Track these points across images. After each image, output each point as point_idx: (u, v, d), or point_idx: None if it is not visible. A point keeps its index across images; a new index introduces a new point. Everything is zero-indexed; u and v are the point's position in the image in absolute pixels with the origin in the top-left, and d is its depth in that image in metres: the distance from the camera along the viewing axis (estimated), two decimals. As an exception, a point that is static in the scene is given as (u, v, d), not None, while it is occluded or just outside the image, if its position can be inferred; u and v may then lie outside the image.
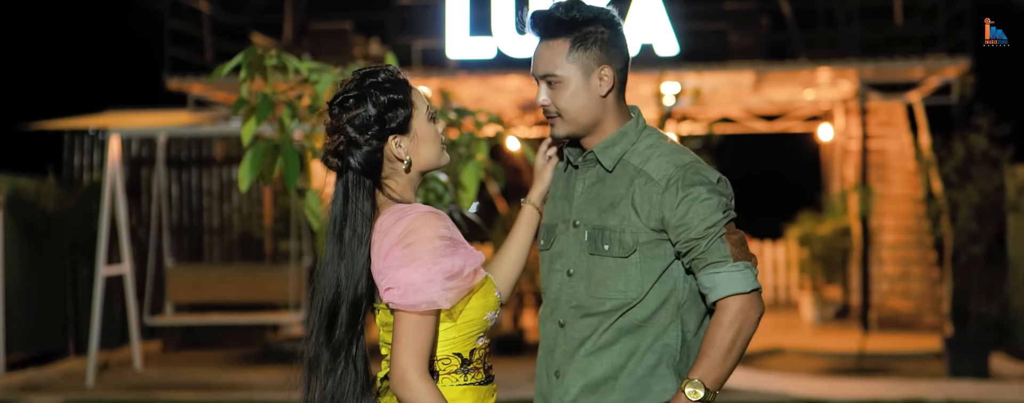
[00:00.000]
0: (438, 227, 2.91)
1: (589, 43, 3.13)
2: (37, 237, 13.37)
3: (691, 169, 3.07)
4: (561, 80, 3.14)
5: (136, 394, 10.78)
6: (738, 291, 3.00)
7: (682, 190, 3.05)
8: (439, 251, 2.88)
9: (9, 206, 12.71)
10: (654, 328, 3.10)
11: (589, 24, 3.14)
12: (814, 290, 16.49)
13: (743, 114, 18.58)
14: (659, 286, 3.11)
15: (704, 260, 3.03)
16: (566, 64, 3.14)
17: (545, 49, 3.17)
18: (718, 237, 3.02)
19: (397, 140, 3.01)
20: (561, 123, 3.19)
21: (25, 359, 12.90)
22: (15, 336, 12.65)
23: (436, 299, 2.85)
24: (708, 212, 3.02)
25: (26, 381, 11.47)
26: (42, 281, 13.54)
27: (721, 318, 3.01)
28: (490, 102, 15.94)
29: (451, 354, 2.98)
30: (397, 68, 3.09)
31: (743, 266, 3.02)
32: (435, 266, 2.85)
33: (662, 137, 3.24)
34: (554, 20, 3.14)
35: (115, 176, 11.65)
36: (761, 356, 13.12)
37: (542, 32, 3.17)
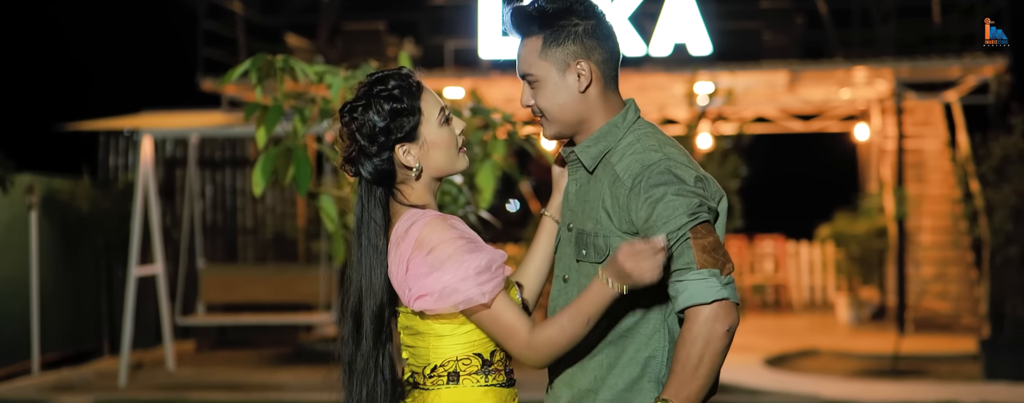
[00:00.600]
0: (448, 229, 2.91)
1: (562, 38, 3.00)
2: (72, 237, 13.46)
3: (658, 168, 2.89)
4: (538, 79, 3.03)
5: (167, 394, 10.82)
6: (699, 301, 2.79)
7: (646, 191, 2.87)
8: (462, 250, 2.87)
9: (44, 207, 12.80)
10: (638, 338, 2.96)
11: (561, 17, 3.00)
12: (850, 291, 16.36)
13: (779, 114, 18.47)
14: (640, 293, 2.91)
15: (669, 267, 2.84)
16: (540, 62, 3.02)
17: (521, 48, 3.06)
18: (683, 242, 2.81)
19: (405, 148, 2.99)
20: (547, 123, 3.07)
21: (60, 359, 12.99)
22: (50, 336, 12.74)
23: (473, 296, 2.84)
24: (672, 214, 2.83)
25: (59, 380, 11.54)
26: (77, 281, 13.64)
27: (685, 331, 2.81)
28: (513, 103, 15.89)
29: (471, 354, 2.97)
30: (409, 71, 3.05)
31: (708, 274, 2.79)
32: (463, 264, 2.84)
33: (651, 132, 3.04)
34: (525, 16, 3.02)
35: (148, 177, 11.71)
36: (795, 357, 13.05)
37: (517, 31, 3.06)
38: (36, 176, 12.82)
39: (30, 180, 12.39)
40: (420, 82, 3.04)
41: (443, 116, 3.02)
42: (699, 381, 2.77)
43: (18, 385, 11.25)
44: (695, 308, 2.79)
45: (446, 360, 2.97)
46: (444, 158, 3.03)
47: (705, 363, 2.77)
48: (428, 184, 3.06)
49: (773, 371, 11.93)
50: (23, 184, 12.14)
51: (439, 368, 2.98)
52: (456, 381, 2.97)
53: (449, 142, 3.03)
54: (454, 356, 2.97)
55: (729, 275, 2.83)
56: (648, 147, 2.96)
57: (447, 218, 2.94)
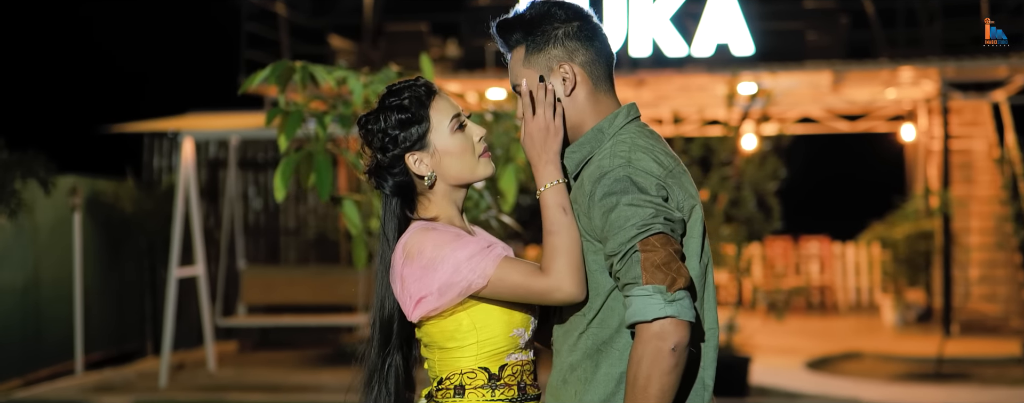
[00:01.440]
0: (430, 232, 2.91)
1: (544, 43, 2.95)
2: (116, 238, 13.58)
3: (614, 175, 2.80)
4: None
5: (206, 395, 10.88)
6: (641, 318, 2.68)
7: (600, 199, 2.79)
8: (446, 245, 2.87)
9: (89, 208, 12.91)
10: (612, 353, 2.86)
11: (541, 23, 2.95)
12: (896, 293, 16.21)
13: (825, 114, 18.32)
14: (613, 302, 2.85)
15: (620, 280, 2.75)
16: (524, 70, 2.97)
17: (510, 58, 3.02)
18: (630, 254, 2.72)
19: (417, 157, 2.99)
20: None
21: (104, 359, 13.11)
22: (94, 336, 12.86)
23: (471, 280, 2.83)
24: (622, 226, 2.74)
25: (101, 381, 11.63)
26: (121, 282, 13.75)
27: (632, 349, 2.72)
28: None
29: (477, 368, 2.94)
30: (422, 81, 3.04)
31: (653, 290, 2.67)
32: (451, 258, 2.84)
33: (630, 138, 2.92)
34: (507, 26, 3.00)
35: (189, 178, 11.78)
36: (837, 360, 12.94)
37: (503, 43, 3.03)
38: (80, 178, 12.94)
39: (74, 182, 12.50)
40: (432, 90, 3.03)
41: (456, 123, 3.00)
42: (651, 401, 2.68)
43: (61, 385, 11.34)
44: (640, 325, 2.69)
45: (452, 373, 2.96)
46: (459, 165, 3.00)
47: (653, 382, 2.67)
48: (447, 194, 3.03)
49: (814, 374, 11.84)
50: (67, 186, 12.25)
51: (446, 381, 2.97)
52: (462, 394, 2.95)
53: (462, 149, 3.00)
54: (460, 369, 2.95)
55: (679, 291, 2.68)
56: (615, 153, 2.87)
57: (430, 225, 2.95)
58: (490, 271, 2.83)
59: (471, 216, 5.30)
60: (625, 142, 2.90)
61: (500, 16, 3.05)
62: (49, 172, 10.91)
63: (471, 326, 2.92)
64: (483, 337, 2.92)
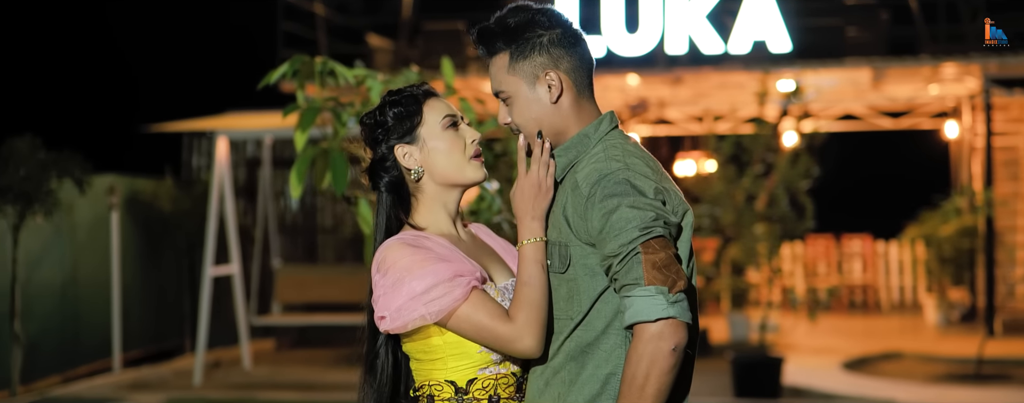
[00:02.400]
0: (404, 248, 2.90)
1: (528, 50, 2.96)
2: (154, 237, 13.66)
3: (615, 177, 2.82)
4: (510, 94, 2.99)
5: (239, 393, 10.92)
6: (642, 319, 2.72)
7: (600, 201, 2.81)
8: (411, 268, 2.85)
9: (127, 207, 13.00)
10: (598, 354, 2.88)
11: (525, 30, 2.96)
12: (939, 292, 16.03)
13: (867, 111, 18.15)
14: (602, 305, 2.88)
15: (619, 281, 2.79)
16: (509, 77, 2.98)
17: (491, 65, 3.03)
18: (633, 256, 2.75)
19: (405, 151, 3.03)
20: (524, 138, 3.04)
21: (143, 357, 13.20)
22: (134, 334, 12.95)
23: (423, 314, 2.83)
24: (624, 227, 2.76)
25: (137, 379, 11.70)
26: (160, 280, 13.84)
27: (631, 349, 2.75)
28: (600, 101, 15.80)
29: (444, 381, 2.95)
30: (425, 85, 3.11)
31: (655, 291, 2.72)
32: (412, 283, 2.84)
33: (619, 143, 2.96)
34: (490, 34, 3.01)
35: (223, 177, 11.82)
36: (876, 360, 12.81)
37: (485, 50, 3.03)
38: (119, 177, 13.03)
39: (112, 181, 12.58)
40: (429, 91, 3.08)
41: (449, 121, 3.04)
42: (647, 401, 2.71)
43: (97, 383, 11.42)
44: (641, 325, 2.73)
45: (424, 383, 2.99)
46: (446, 162, 3.02)
47: (651, 382, 2.71)
48: (437, 196, 3.05)
49: (851, 374, 11.72)
50: (104, 185, 12.33)
51: (419, 391, 3.00)
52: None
53: (452, 146, 3.02)
54: (429, 380, 2.97)
55: (679, 293, 2.75)
56: (611, 156, 2.90)
57: (413, 239, 2.93)
58: (447, 308, 2.83)
59: (483, 219, 5.26)
60: (617, 147, 2.94)
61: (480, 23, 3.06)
62: (85, 171, 11.00)
63: (442, 342, 2.92)
64: (454, 352, 2.93)
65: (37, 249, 11.61)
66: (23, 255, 11.05)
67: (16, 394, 10.71)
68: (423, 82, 3.14)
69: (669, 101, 16.06)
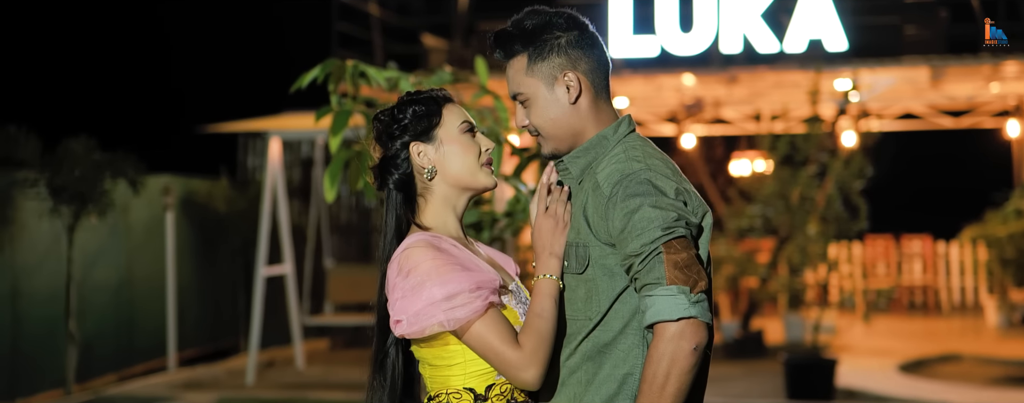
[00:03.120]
0: (428, 251, 2.88)
1: (547, 52, 2.98)
2: (210, 237, 13.76)
3: (637, 178, 2.83)
4: (529, 96, 3.01)
5: (290, 393, 10.97)
6: (665, 318, 2.73)
7: (622, 201, 2.82)
8: (433, 273, 2.84)
9: (183, 207, 13.10)
10: (615, 354, 2.89)
11: (543, 32, 2.98)
12: (1000, 293, 15.79)
13: (927, 110, 17.92)
14: (620, 306, 2.89)
15: (640, 281, 2.79)
16: (527, 79, 2.99)
17: (508, 68, 3.04)
18: (655, 255, 2.76)
19: (420, 148, 3.02)
20: (543, 141, 3.05)
21: (199, 356, 13.30)
22: (189, 334, 13.05)
23: (441, 321, 2.82)
24: (647, 227, 2.78)
25: (191, 378, 11.79)
26: (215, 280, 13.94)
27: (651, 348, 2.76)
28: (655, 101, 15.75)
29: (462, 388, 2.94)
30: (443, 91, 3.11)
31: (677, 290, 2.73)
32: (433, 289, 2.82)
33: (639, 145, 2.98)
34: (507, 36, 3.02)
35: (276, 178, 11.88)
36: (933, 363, 12.65)
37: (503, 53, 3.04)
38: (174, 177, 13.14)
39: (167, 181, 12.69)
40: (448, 97, 3.09)
41: (466, 126, 3.05)
42: (666, 400, 2.72)
43: (151, 382, 11.52)
44: (662, 325, 2.75)
45: (439, 391, 2.96)
46: (460, 164, 3.02)
47: (672, 381, 2.73)
48: (446, 196, 3.04)
49: (907, 377, 11.57)
50: (160, 185, 12.44)
51: (435, 399, 2.97)
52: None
53: (466, 149, 3.03)
54: (447, 388, 2.95)
55: (700, 293, 2.77)
56: (631, 157, 2.91)
57: (431, 240, 2.91)
58: (466, 318, 2.82)
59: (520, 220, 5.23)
60: (637, 147, 2.97)
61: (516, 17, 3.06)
62: (138, 172, 11.11)
63: (460, 348, 2.91)
64: (470, 357, 2.91)
65: (93, 249, 11.73)
66: (79, 255, 11.17)
67: (71, 392, 10.83)
68: (442, 88, 3.14)
69: (724, 101, 15.95)
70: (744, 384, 11.29)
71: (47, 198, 10.58)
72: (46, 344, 10.98)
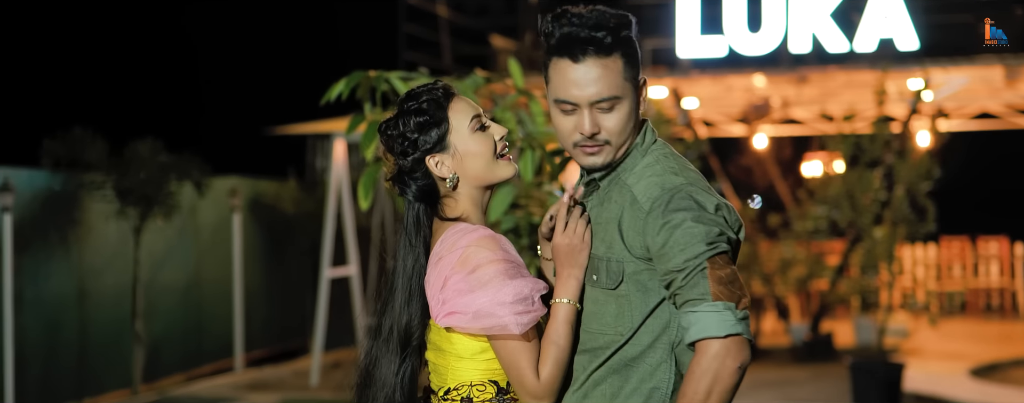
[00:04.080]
0: (497, 250, 2.86)
1: (635, 58, 2.86)
2: (278, 238, 13.85)
3: (680, 192, 2.77)
4: (619, 101, 2.83)
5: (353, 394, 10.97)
6: (711, 335, 2.68)
7: (664, 215, 2.74)
8: (503, 274, 2.83)
9: (251, 209, 13.20)
10: (642, 368, 2.83)
11: (632, 39, 2.86)
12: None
13: (1004, 109, 17.58)
14: (652, 321, 2.83)
15: (682, 297, 2.73)
16: (624, 83, 2.82)
17: (598, 69, 2.80)
18: (699, 271, 2.70)
19: (437, 159, 2.98)
20: (608, 150, 2.88)
21: (267, 356, 13.40)
22: (257, 334, 13.14)
23: (507, 323, 2.80)
24: (690, 242, 2.71)
25: (256, 379, 11.87)
26: (284, 281, 14.02)
27: (694, 365, 2.71)
28: (723, 101, 15.61)
29: (487, 381, 2.93)
30: (440, 84, 3.04)
31: (722, 306, 2.68)
32: (502, 289, 2.81)
33: (669, 155, 2.91)
34: (602, 39, 2.80)
35: (341, 179, 11.93)
36: (1007, 367, 12.42)
37: (591, 51, 2.80)
38: (242, 179, 13.24)
39: (235, 183, 12.79)
40: (449, 91, 3.02)
41: (477, 123, 2.99)
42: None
43: (218, 382, 11.61)
44: (706, 341, 2.70)
45: (461, 384, 2.94)
46: (480, 166, 2.99)
47: (713, 399, 2.68)
48: (470, 195, 3.01)
49: (978, 381, 11.36)
50: (227, 187, 12.54)
51: (453, 391, 2.95)
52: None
53: (483, 149, 2.99)
54: (470, 380, 2.93)
55: (744, 310, 2.72)
56: (669, 169, 2.85)
57: (497, 238, 2.90)
58: (530, 324, 2.82)
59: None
60: (669, 158, 2.91)
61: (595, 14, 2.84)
62: (203, 174, 11.20)
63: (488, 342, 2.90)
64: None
65: (161, 250, 11.85)
66: (146, 256, 11.29)
67: (138, 392, 10.95)
68: (437, 81, 3.08)
69: (793, 101, 15.77)
70: (810, 388, 11.15)
71: (114, 200, 10.70)
72: (113, 344, 11.10)
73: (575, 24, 2.80)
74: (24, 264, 10.02)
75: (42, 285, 10.33)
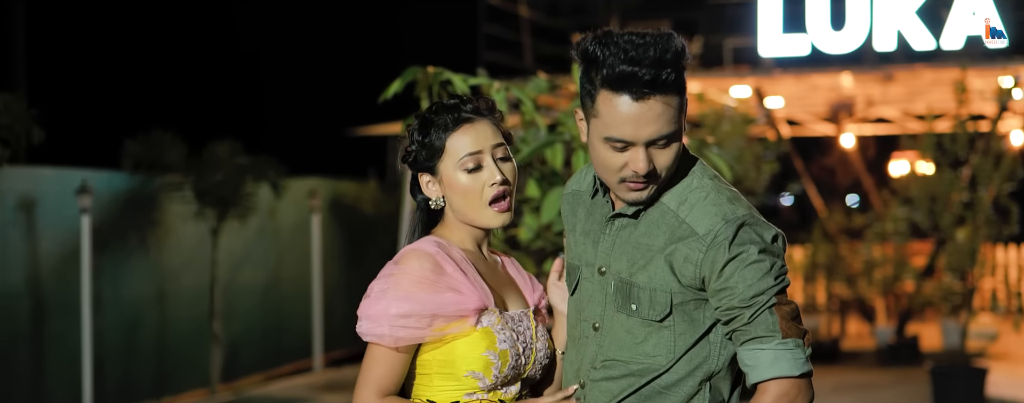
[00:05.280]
0: (418, 265, 2.75)
1: (685, 87, 2.63)
2: (358, 239, 13.91)
3: (744, 225, 2.61)
4: (674, 139, 2.63)
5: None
6: (785, 374, 2.57)
7: (729, 249, 2.59)
8: (407, 287, 2.72)
9: (332, 209, 13.27)
10: (676, 395, 2.69)
11: (684, 74, 2.61)
12: None
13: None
14: (692, 353, 2.68)
15: (747, 333, 2.60)
16: (680, 117, 2.62)
17: (661, 106, 2.57)
18: (767, 307, 2.58)
19: (427, 179, 2.89)
20: (652, 188, 2.68)
21: (346, 356, 13.44)
22: (337, 334, 13.19)
23: (383, 333, 2.71)
24: (757, 277, 2.57)
25: (333, 379, 11.91)
26: (363, 281, 13.94)
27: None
28: (808, 100, 15.38)
29: (426, 400, 2.81)
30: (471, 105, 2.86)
31: (793, 344, 2.57)
32: (397, 302, 2.71)
33: (709, 176, 2.73)
34: (668, 79, 2.56)
35: (414, 180, 11.93)
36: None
37: (657, 89, 2.56)
38: (322, 180, 13.31)
39: (315, 184, 12.86)
40: (462, 118, 2.84)
41: (471, 162, 2.81)
42: None
43: (294, 383, 11.68)
44: (776, 381, 2.58)
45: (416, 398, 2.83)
46: (463, 204, 2.84)
47: None
48: (465, 229, 2.89)
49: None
50: (306, 188, 12.61)
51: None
52: None
53: (467, 190, 2.82)
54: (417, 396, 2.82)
55: (809, 347, 2.62)
56: (725, 197, 2.68)
57: (430, 254, 2.77)
58: (405, 339, 2.72)
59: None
60: (716, 179, 2.74)
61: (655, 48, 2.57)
62: (280, 175, 11.27)
63: (431, 358, 2.79)
64: (440, 371, 2.78)
65: (240, 251, 11.95)
66: (224, 257, 11.38)
67: (215, 392, 11.05)
68: (469, 100, 2.88)
69: (879, 99, 15.49)
70: (892, 393, 10.94)
71: (192, 201, 10.80)
72: (192, 344, 11.22)
73: (634, 61, 2.54)
74: (103, 265, 10.16)
75: (121, 286, 10.46)
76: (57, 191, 9.79)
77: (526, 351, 2.83)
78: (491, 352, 2.76)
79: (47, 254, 9.77)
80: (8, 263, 9.43)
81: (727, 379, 2.72)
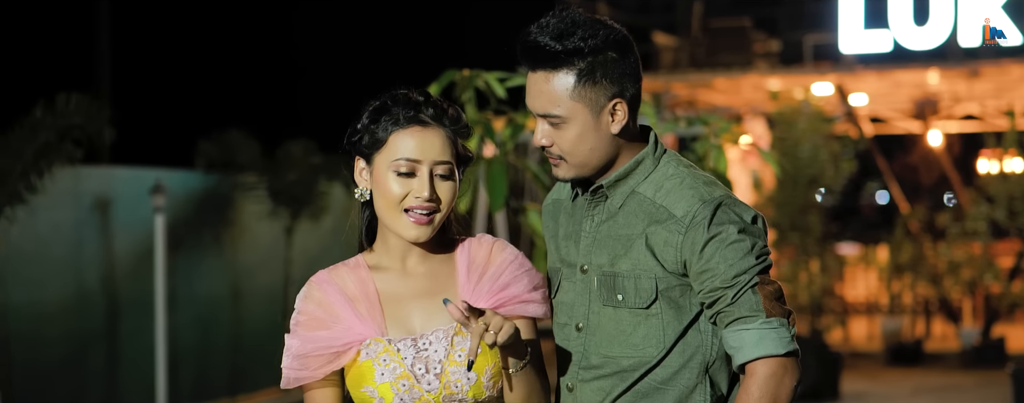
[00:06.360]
0: (303, 300, 2.65)
1: (598, 75, 2.54)
2: (434, 238, 13.93)
3: (722, 205, 2.56)
4: (566, 120, 2.59)
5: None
6: (770, 353, 2.50)
7: (708, 229, 2.54)
8: (295, 326, 2.62)
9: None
10: (675, 391, 2.61)
11: (599, 52, 2.55)
12: None
13: None
14: (683, 343, 2.61)
15: (731, 314, 2.53)
16: (570, 102, 2.57)
17: (542, 82, 2.58)
18: (749, 287, 2.52)
19: (361, 165, 2.65)
20: (565, 166, 2.65)
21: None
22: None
23: (286, 376, 2.61)
24: (738, 256, 2.53)
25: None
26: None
27: (749, 385, 2.51)
28: (890, 97, 15.12)
29: None
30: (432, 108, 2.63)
31: (778, 323, 2.51)
32: (291, 340, 2.60)
33: (684, 165, 2.68)
34: (555, 49, 2.56)
35: (489, 179, 11.90)
36: None
37: (543, 63, 2.58)
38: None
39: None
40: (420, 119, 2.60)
41: (403, 166, 2.58)
42: None
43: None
44: (763, 360, 2.52)
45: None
46: (381, 205, 2.62)
47: None
48: (385, 232, 2.67)
49: None
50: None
51: None
52: None
53: (385, 191, 2.58)
54: None
55: (793, 326, 2.57)
56: (701, 181, 2.64)
57: (311, 285, 2.67)
58: (282, 384, 2.62)
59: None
60: (694, 168, 2.70)
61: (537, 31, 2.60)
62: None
63: None
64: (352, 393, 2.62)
65: (314, 250, 12.00)
66: (299, 256, 11.44)
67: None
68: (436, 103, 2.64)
69: (965, 96, 15.18)
70: (973, 396, 10.74)
71: (266, 201, 10.87)
72: (267, 343, 11.28)
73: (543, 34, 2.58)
74: (178, 264, 10.26)
75: (196, 284, 10.57)
76: (132, 191, 9.91)
77: (428, 375, 2.56)
78: (369, 388, 2.56)
79: (122, 253, 9.89)
80: (83, 262, 9.57)
81: (724, 372, 2.65)
